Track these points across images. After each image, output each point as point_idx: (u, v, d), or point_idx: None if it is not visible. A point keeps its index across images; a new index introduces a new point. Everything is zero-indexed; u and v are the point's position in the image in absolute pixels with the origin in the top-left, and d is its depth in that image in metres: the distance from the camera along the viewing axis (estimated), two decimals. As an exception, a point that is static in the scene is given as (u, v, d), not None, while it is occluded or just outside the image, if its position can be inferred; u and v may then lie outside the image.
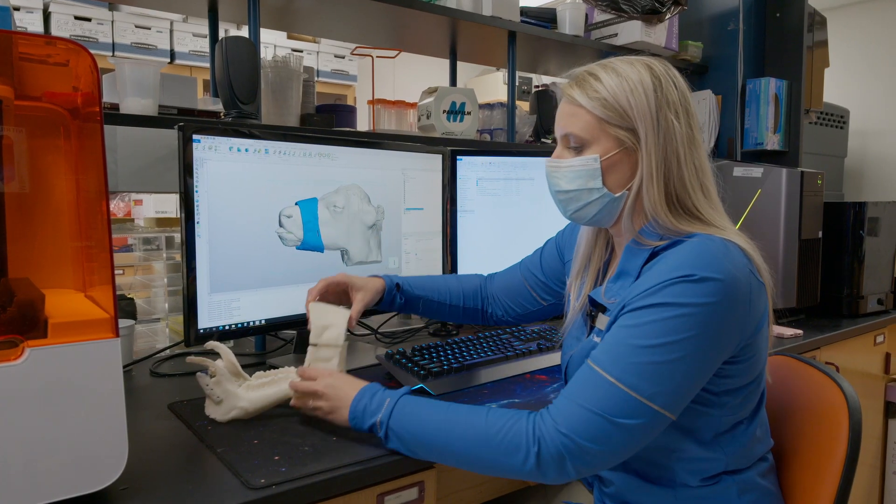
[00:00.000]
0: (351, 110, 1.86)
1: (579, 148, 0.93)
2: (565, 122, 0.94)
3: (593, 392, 0.81)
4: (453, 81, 2.13)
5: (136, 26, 3.48)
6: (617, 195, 0.92)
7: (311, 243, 1.30)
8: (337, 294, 1.18)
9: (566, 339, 1.06)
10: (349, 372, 1.07)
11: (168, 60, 3.60)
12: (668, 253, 0.86)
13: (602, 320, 0.93)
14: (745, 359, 0.87)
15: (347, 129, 1.78)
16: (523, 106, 2.40)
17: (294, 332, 1.40)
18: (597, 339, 0.92)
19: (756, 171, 1.84)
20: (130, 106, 1.32)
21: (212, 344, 1.03)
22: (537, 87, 2.46)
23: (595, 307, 0.97)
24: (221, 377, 0.99)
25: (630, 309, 0.84)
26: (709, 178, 0.93)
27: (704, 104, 2.33)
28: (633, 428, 0.80)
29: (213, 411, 1.00)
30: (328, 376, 0.98)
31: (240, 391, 0.99)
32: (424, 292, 1.27)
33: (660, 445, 0.89)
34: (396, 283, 1.24)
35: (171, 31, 3.61)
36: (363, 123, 2.30)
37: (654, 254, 0.89)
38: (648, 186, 0.89)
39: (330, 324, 1.08)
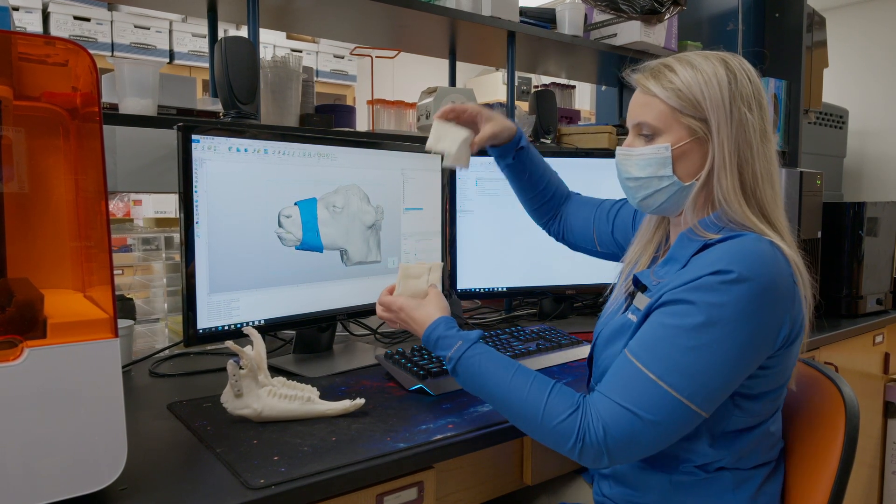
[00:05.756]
0: (350, 110, 1.86)
1: (651, 137, 0.94)
2: (638, 111, 0.96)
3: (633, 388, 0.84)
4: (452, 81, 2.13)
5: (136, 26, 3.48)
6: (686, 184, 0.93)
7: (311, 243, 1.30)
8: (465, 122, 1.21)
9: (603, 315, 1.07)
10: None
11: (167, 60, 3.60)
12: (717, 246, 0.88)
13: (641, 299, 0.95)
14: (772, 366, 0.88)
15: (347, 129, 1.78)
16: (522, 106, 2.40)
17: (293, 332, 1.40)
18: (631, 317, 0.94)
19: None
20: (129, 106, 1.32)
21: (248, 329, 1.04)
22: (536, 87, 2.46)
23: (637, 286, 0.99)
24: (250, 372, 0.99)
25: (670, 301, 0.86)
26: (776, 172, 0.94)
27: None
28: (668, 425, 0.83)
29: (229, 402, 1.00)
30: (401, 309, 1.04)
31: (261, 392, 0.99)
32: (535, 165, 1.28)
33: None
34: (522, 146, 1.25)
35: (171, 32, 3.61)
36: (362, 123, 2.31)
37: (705, 245, 0.90)
38: (721, 176, 0.90)
39: (445, 135, 1.15)
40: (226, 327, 1.19)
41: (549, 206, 1.32)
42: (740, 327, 0.81)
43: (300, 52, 3.98)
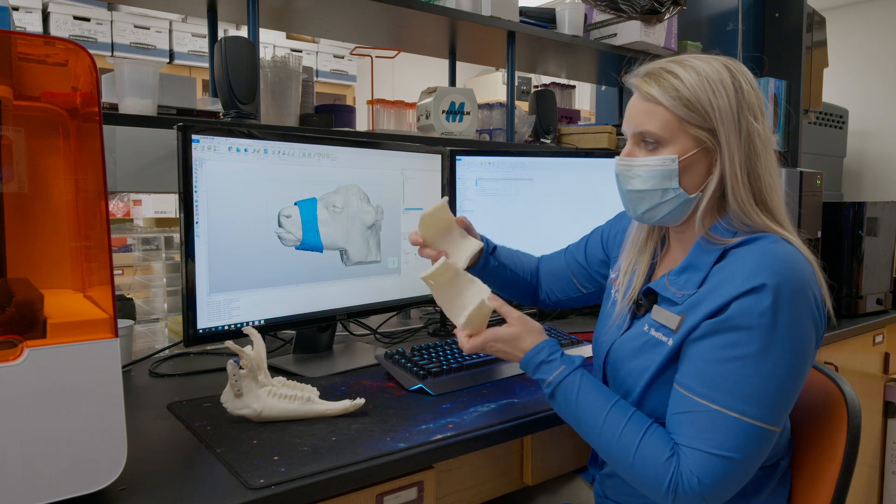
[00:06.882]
0: (350, 110, 1.86)
1: (655, 146, 0.90)
2: (641, 119, 0.91)
3: (717, 431, 0.82)
4: (452, 81, 2.13)
5: (136, 26, 3.48)
6: (691, 196, 0.90)
7: (311, 243, 1.30)
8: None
9: (603, 331, 1.05)
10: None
11: (167, 60, 3.60)
12: (740, 253, 0.86)
13: (661, 313, 0.92)
14: None
15: (346, 129, 1.78)
16: (522, 106, 2.40)
17: (293, 332, 1.40)
18: (656, 334, 0.91)
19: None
20: (129, 106, 1.32)
21: (248, 329, 1.04)
22: (536, 87, 2.46)
23: (646, 297, 0.97)
24: (250, 372, 0.99)
25: (718, 330, 0.83)
26: (778, 176, 0.93)
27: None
28: (757, 455, 0.83)
29: (229, 401, 1.00)
30: (497, 340, 0.99)
31: (261, 392, 0.99)
32: (509, 263, 1.26)
33: None
34: (493, 247, 1.23)
35: (171, 31, 3.61)
36: (362, 123, 2.31)
37: (724, 252, 0.88)
38: (734, 186, 0.88)
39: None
40: (226, 327, 1.19)
41: (534, 284, 1.30)
42: (795, 337, 0.81)
43: (300, 52, 3.98)
